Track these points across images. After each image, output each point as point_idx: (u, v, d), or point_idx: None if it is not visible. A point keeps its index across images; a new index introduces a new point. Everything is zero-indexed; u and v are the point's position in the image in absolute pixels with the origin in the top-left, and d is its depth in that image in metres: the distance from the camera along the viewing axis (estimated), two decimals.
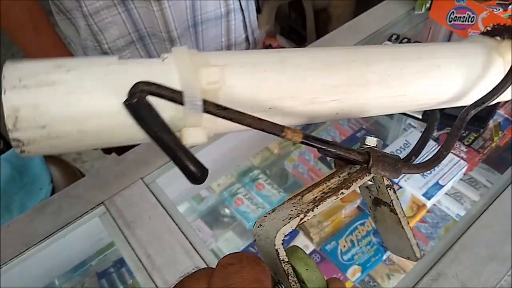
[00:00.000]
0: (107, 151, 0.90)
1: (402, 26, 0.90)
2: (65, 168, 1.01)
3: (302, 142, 0.25)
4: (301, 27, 2.08)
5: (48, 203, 0.65)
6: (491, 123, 0.83)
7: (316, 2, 1.93)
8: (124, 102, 0.22)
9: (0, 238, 0.61)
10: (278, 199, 0.90)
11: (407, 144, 0.84)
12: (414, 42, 0.76)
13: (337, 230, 0.79)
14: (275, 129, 0.23)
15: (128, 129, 0.24)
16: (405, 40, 0.76)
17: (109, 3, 0.73)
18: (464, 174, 0.80)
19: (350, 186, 0.29)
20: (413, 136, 0.84)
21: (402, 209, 0.32)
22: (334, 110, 0.31)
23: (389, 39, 0.77)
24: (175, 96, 0.21)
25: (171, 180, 0.69)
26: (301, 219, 0.27)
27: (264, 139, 0.89)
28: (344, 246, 0.77)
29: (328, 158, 0.32)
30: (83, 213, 0.63)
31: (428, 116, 0.37)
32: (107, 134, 0.25)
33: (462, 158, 0.79)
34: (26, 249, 0.61)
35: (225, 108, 0.22)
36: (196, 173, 0.23)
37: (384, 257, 0.77)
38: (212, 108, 0.22)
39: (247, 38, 0.94)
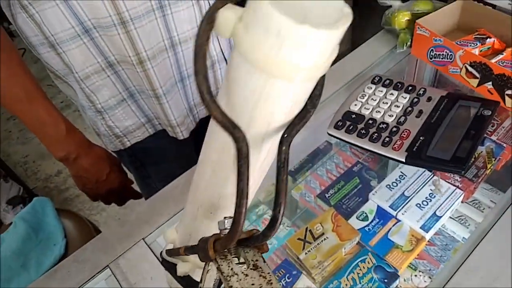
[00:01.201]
0: (107, 202, 0.95)
1: (386, 64, 0.92)
2: (78, 221, 1.06)
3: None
4: None
5: (57, 269, 0.69)
6: (483, 151, 0.83)
7: None
8: (161, 262, 0.44)
9: None
10: (285, 233, 0.91)
11: (402, 176, 0.85)
12: (397, 82, 0.78)
13: (339, 269, 0.81)
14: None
15: None
16: (387, 81, 0.78)
17: (98, 68, 0.78)
18: (462, 202, 0.81)
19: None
20: (408, 168, 0.85)
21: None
22: None
23: (372, 82, 0.79)
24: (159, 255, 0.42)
25: None
26: None
27: (269, 176, 0.91)
28: (346, 285, 0.78)
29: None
30: (90, 278, 0.67)
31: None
32: None
33: (457, 187, 0.79)
34: None
35: (169, 251, 0.40)
36: None
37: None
38: (169, 253, 0.40)
39: None
